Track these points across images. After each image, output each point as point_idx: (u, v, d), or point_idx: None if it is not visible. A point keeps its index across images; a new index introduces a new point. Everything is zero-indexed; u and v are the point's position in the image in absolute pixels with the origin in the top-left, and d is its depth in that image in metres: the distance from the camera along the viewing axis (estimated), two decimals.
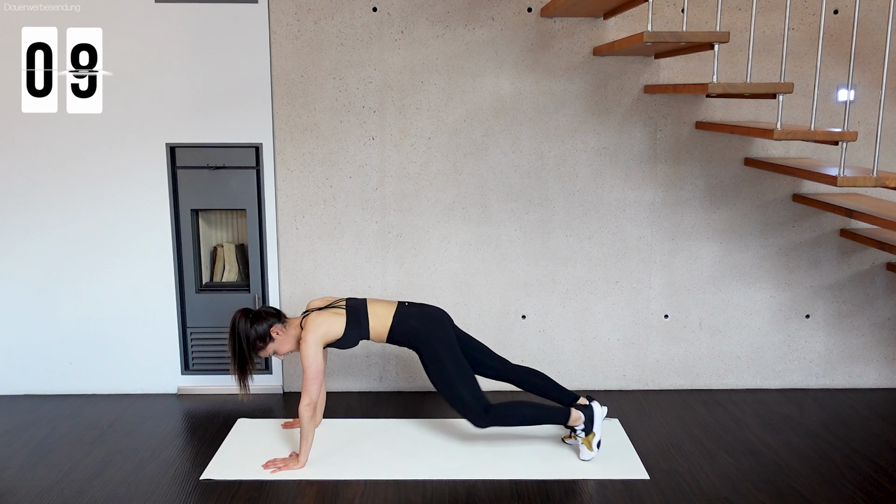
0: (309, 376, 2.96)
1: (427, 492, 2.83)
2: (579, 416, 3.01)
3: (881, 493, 2.83)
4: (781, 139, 2.83)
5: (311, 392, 2.95)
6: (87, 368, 3.76)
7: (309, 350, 2.96)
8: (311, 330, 3.00)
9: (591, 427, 3.00)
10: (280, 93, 3.55)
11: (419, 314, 3.10)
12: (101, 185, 3.60)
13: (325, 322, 3.02)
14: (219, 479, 2.92)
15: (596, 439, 3.00)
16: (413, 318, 3.07)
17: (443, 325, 3.09)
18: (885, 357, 3.81)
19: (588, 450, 3.01)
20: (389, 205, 3.65)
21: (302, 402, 2.94)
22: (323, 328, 3.00)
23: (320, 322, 3.01)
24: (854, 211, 3.12)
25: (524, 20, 3.51)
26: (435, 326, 3.06)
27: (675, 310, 3.76)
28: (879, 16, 3.51)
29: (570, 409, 3.02)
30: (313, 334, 2.98)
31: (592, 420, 3.00)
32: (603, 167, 3.63)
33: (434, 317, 3.11)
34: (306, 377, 2.97)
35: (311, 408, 2.95)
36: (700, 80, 3.56)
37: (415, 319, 3.07)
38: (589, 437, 3.00)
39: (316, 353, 2.97)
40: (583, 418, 3.00)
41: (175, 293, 3.70)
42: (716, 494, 2.81)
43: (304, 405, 2.94)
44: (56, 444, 3.22)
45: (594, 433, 3.00)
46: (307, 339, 2.98)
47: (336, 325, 3.03)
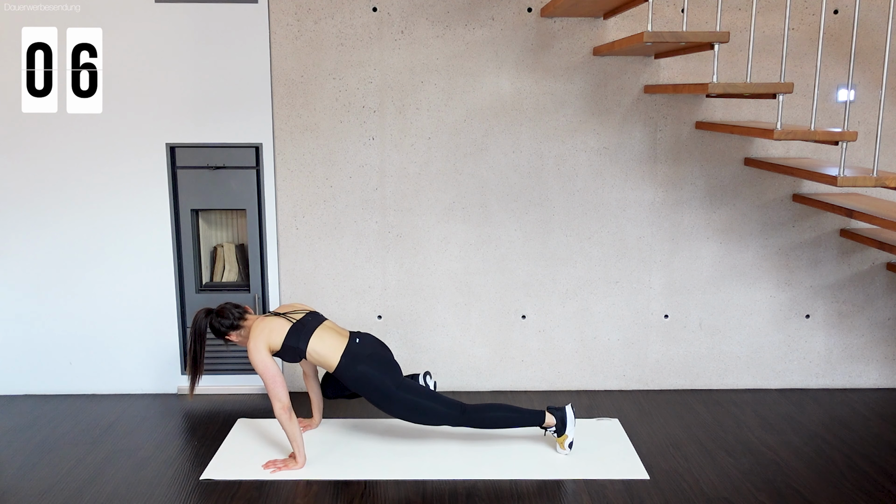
0: (267, 382, 2.94)
1: (427, 492, 2.83)
2: (552, 419, 3.09)
3: (881, 493, 2.83)
4: (781, 139, 2.84)
5: (278, 395, 2.93)
6: (87, 368, 3.76)
7: (255, 357, 2.94)
8: (252, 337, 2.97)
9: (564, 429, 3.08)
10: (280, 93, 3.55)
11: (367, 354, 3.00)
12: (101, 184, 3.60)
13: (267, 328, 2.98)
14: (219, 479, 2.92)
15: (568, 440, 3.08)
16: (361, 363, 2.98)
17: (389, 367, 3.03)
18: (885, 357, 3.81)
19: (561, 448, 3.09)
20: (389, 205, 3.65)
21: (274, 407, 2.94)
22: (263, 335, 2.97)
23: (262, 328, 2.98)
24: (854, 211, 3.12)
25: (524, 20, 3.51)
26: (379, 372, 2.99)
27: (675, 310, 3.76)
28: (879, 16, 3.51)
29: (544, 412, 3.09)
30: (254, 342, 2.96)
31: (564, 422, 3.08)
32: (603, 167, 3.63)
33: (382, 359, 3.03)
34: (265, 383, 2.95)
35: (285, 410, 2.94)
36: (700, 80, 3.56)
37: (363, 364, 2.97)
38: (562, 437, 3.09)
39: (264, 359, 2.94)
40: (555, 420, 3.08)
41: (175, 293, 3.70)
42: (716, 494, 2.81)
43: (277, 410, 2.93)
44: (56, 444, 3.22)
45: (566, 434, 3.08)
46: (250, 346, 2.96)
47: (276, 335, 2.98)
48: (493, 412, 3.09)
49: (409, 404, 2.99)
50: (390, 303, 3.73)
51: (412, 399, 2.99)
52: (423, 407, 3.00)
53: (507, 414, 3.09)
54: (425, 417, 3.03)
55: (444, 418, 3.04)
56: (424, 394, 3.04)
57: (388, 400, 2.98)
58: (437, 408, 3.02)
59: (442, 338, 3.75)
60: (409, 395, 2.99)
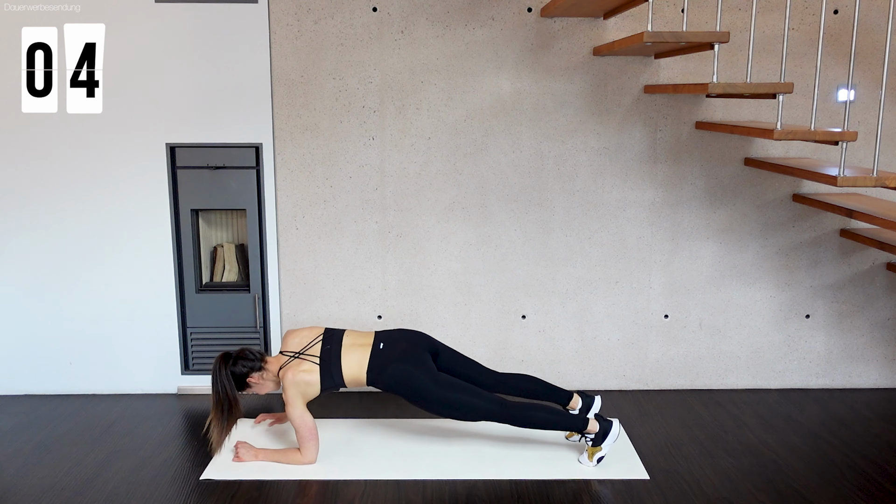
0: (304, 436, 2.96)
1: (427, 492, 2.83)
2: (595, 427, 2.98)
3: (881, 493, 2.83)
4: (781, 139, 2.83)
5: (310, 452, 2.98)
6: (87, 368, 3.76)
7: (294, 413, 2.95)
8: (290, 393, 2.96)
9: (601, 442, 2.96)
10: (280, 93, 3.55)
11: (395, 356, 2.98)
12: (102, 184, 3.60)
13: (303, 382, 2.97)
14: (219, 479, 2.92)
15: (600, 454, 2.96)
16: (391, 364, 2.96)
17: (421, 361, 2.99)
18: (885, 357, 3.81)
19: (589, 459, 2.98)
20: (389, 205, 3.65)
21: (303, 458, 2.97)
22: (301, 388, 2.97)
23: (297, 382, 2.97)
24: (854, 211, 3.12)
25: (524, 20, 3.51)
26: (413, 367, 2.96)
27: (675, 310, 3.76)
28: (879, 16, 3.51)
29: (587, 419, 2.98)
30: (293, 399, 2.96)
31: (605, 436, 2.96)
32: (603, 167, 3.63)
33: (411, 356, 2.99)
34: (301, 438, 2.97)
35: (304, 464, 2.98)
36: (700, 80, 3.56)
37: (392, 364, 2.96)
38: (595, 448, 2.97)
39: (302, 414, 2.96)
40: (598, 430, 2.97)
41: (175, 293, 3.70)
42: (716, 495, 2.81)
43: (302, 461, 2.98)
44: (56, 444, 3.22)
45: (601, 448, 2.97)
46: (289, 401, 2.96)
47: (312, 388, 2.99)
48: (538, 412, 2.99)
49: (446, 401, 2.94)
50: (390, 303, 3.73)
51: (448, 395, 2.93)
52: (460, 402, 2.94)
53: (550, 416, 2.98)
54: (463, 413, 2.96)
55: (484, 414, 2.95)
56: (461, 388, 2.96)
57: (425, 399, 2.95)
58: (476, 402, 2.94)
59: (442, 338, 3.74)
60: (444, 392, 2.93)
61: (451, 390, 2.95)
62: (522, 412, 2.98)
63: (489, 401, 2.96)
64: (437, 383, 2.94)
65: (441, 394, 2.93)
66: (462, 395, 2.95)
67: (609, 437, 2.95)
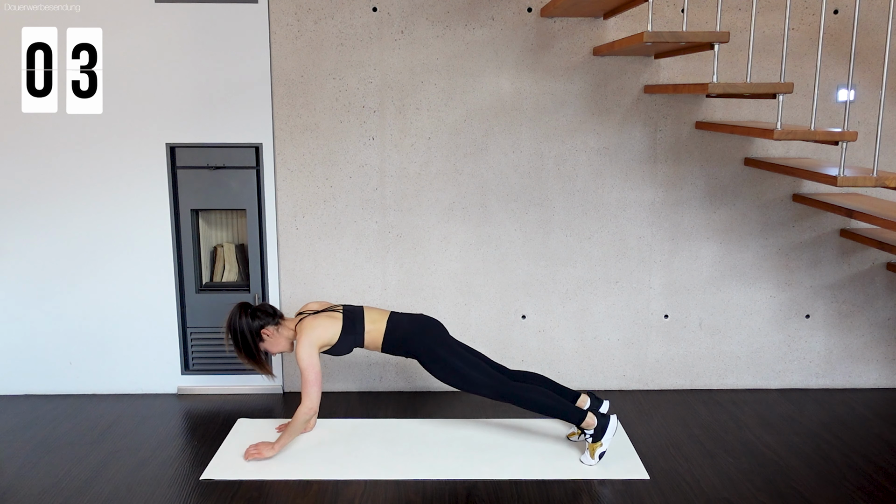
0: (309, 380, 2.96)
1: (427, 492, 2.83)
2: (593, 422, 2.98)
3: (881, 493, 2.83)
4: (781, 139, 2.83)
5: (311, 396, 2.96)
6: (87, 368, 3.76)
7: (304, 353, 2.96)
8: (305, 333, 2.99)
9: (601, 437, 2.97)
10: (280, 93, 3.55)
11: (411, 319, 3.16)
12: (101, 185, 3.60)
13: (321, 326, 3.02)
14: (219, 479, 2.92)
15: (601, 449, 2.97)
16: (406, 323, 3.12)
17: (436, 327, 3.15)
18: (885, 357, 3.81)
19: (590, 456, 2.98)
20: (389, 205, 3.65)
21: (303, 405, 2.96)
22: (318, 332, 3.00)
23: (315, 325, 3.01)
24: (854, 211, 3.12)
25: (524, 20, 3.51)
26: (428, 328, 3.12)
27: (675, 310, 3.76)
28: (879, 16, 3.51)
29: (586, 413, 2.99)
30: (308, 338, 2.98)
31: (604, 430, 2.96)
32: (603, 167, 3.63)
33: (427, 322, 3.16)
34: (306, 381, 2.96)
35: (311, 412, 2.96)
36: (700, 80, 3.56)
37: (407, 324, 3.13)
38: (595, 444, 2.97)
39: (312, 355, 2.98)
40: (596, 424, 2.97)
41: (175, 293, 3.70)
42: (716, 494, 2.81)
43: (304, 409, 2.96)
44: (56, 444, 3.22)
45: (601, 443, 2.97)
46: (301, 342, 2.98)
47: (331, 330, 3.03)
48: (537, 396, 3.02)
49: (454, 368, 3.03)
50: (390, 303, 3.73)
51: (457, 363, 3.03)
52: (467, 373, 3.02)
53: (549, 402, 3.02)
54: (467, 383, 3.04)
55: (487, 387, 3.03)
56: (471, 363, 3.04)
57: (435, 359, 3.04)
58: (481, 377, 3.03)
59: None
60: (455, 360, 3.03)
61: (462, 360, 3.05)
62: (525, 392, 3.03)
63: (493, 377, 3.05)
64: (451, 348, 3.07)
65: (452, 360, 3.03)
66: (471, 369, 3.04)
67: (608, 432, 2.97)
